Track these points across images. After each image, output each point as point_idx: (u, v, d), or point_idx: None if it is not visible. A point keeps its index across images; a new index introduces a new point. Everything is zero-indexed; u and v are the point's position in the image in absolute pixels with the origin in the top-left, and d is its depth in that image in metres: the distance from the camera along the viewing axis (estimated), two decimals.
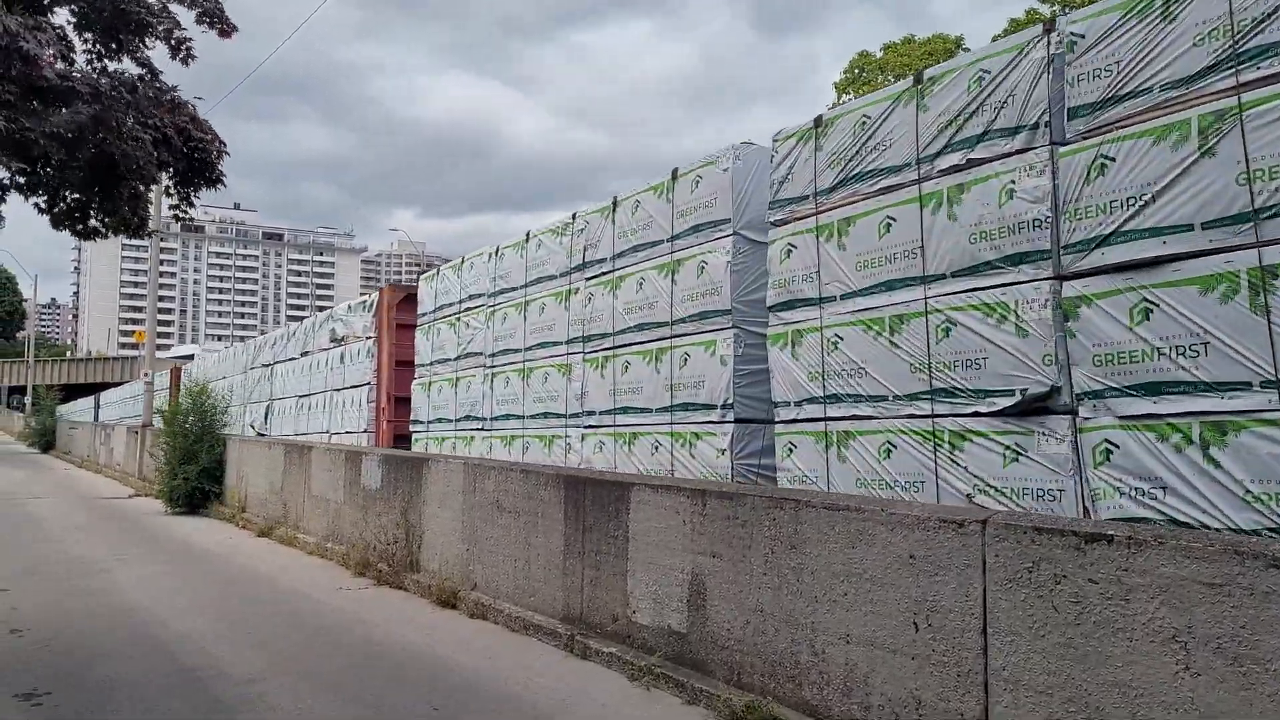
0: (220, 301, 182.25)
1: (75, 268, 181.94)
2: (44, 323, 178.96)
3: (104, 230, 8.94)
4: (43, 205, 8.48)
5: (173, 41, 8.24)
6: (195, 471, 17.92)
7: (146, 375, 28.32)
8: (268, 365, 23.24)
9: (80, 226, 8.79)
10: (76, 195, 8.46)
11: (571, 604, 7.66)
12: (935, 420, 6.68)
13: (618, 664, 6.79)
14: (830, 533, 5.41)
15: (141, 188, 8.55)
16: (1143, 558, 3.93)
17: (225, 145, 8.64)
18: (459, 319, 14.29)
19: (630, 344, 10.31)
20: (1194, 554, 3.78)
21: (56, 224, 8.65)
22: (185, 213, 9.23)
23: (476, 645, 7.72)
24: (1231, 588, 3.66)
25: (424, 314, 15.54)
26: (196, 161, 8.49)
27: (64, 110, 7.17)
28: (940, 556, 4.77)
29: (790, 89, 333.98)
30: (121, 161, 7.56)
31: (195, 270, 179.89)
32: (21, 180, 8.05)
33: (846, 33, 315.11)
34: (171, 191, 8.89)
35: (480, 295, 13.75)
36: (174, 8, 8.32)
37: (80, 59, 8.21)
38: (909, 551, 4.93)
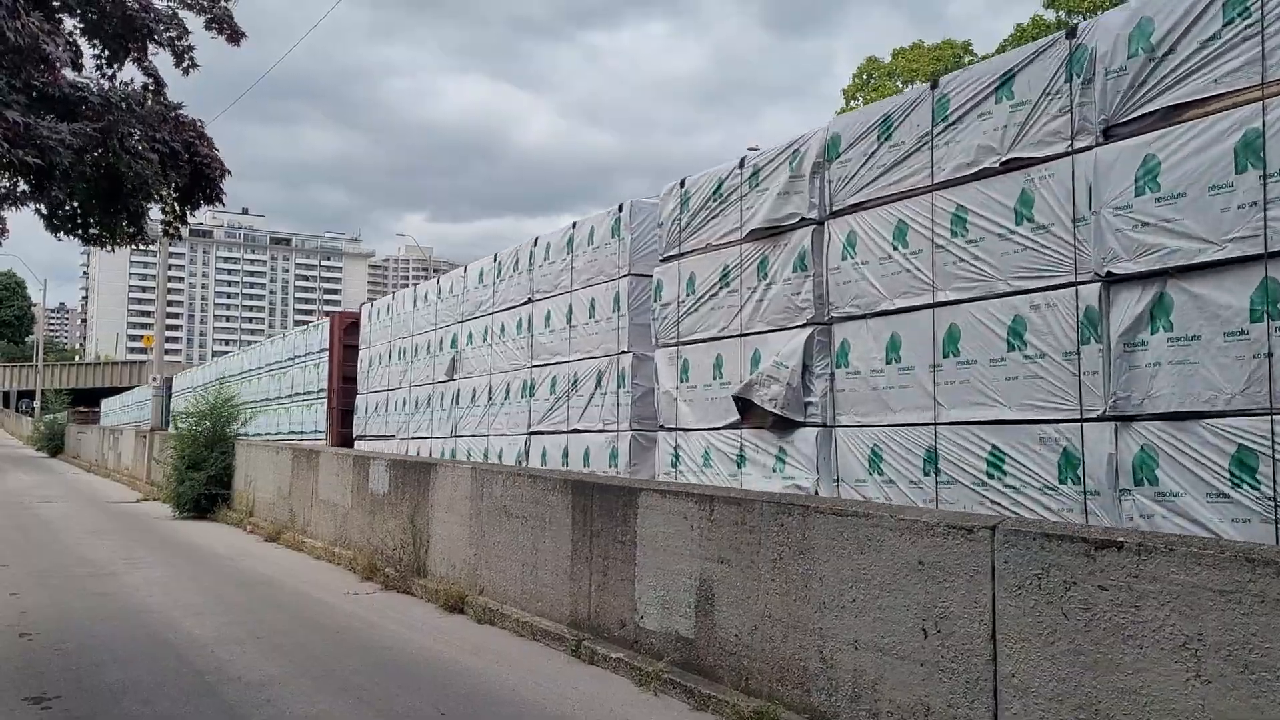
0: (228, 306, 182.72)
1: (84, 272, 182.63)
2: (53, 327, 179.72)
3: (107, 239, 8.98)
4: (44, 212, 8.53)
5: (177, 50, 8.28)
6: (202, 479, 17.95)
7: (155, 380, 28.41)
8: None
9: (80, 233, 8.84)
10: (77, 204, 8.51)
11: (579, 609, 7.66)
12: None
13: (625, 669, 6.79)
14: (839, 538, 5.40)
15: (144, 205, 8.59)
16: (1153, 564, 3.92)
17: (229, 170, 8.69)
18: None
19: None
20: (1205, 561, 3.77)
21: (54, 229, 8.69)
22: (175, 229, 9.23)
23: (484, 650, 7.73)
24: (1242, 595, 3.64)
25: None
26: (200, 177, 8.54)
27: (69, 124, 7.20)
28: (949, 563, 4.76)
29: (805, 90, 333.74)
30: (130, 179, 7.60)
31: (204, 275, 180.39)
32: (27, 189, 8.09)
33: (861, 34, 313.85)
34: (167, 210, 8.90)
35: None
36: (183, 14, 8.38)
37: (89, 65, 8.27)
38: (918, 557, 4.93)
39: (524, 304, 13.53)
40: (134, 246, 9.58)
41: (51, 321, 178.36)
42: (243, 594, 10.35)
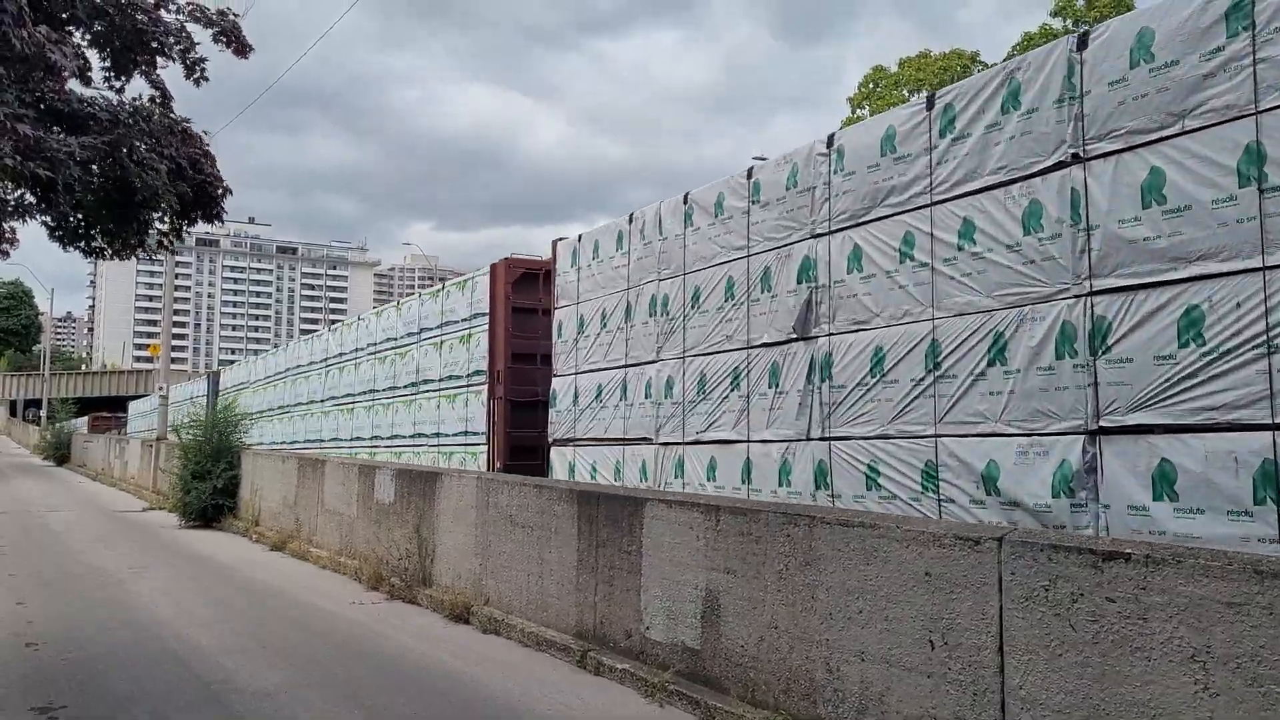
0: (235, 315, 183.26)
1: (91, 282, 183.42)
2: (60, 336, 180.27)
3: (106, 251, 9.05)
4: (49, 223, 8.59)
5: (188, 62, 8.34)
6: (208, 488, 17.97)
7: (161, 389, 28.48)
8: None
9: (83, 245, 8.90)
10: (81, 217, 8.57)
11: (584, 619, 7.65)
12: None
13: (631, 680, 6.78)
14: (845, 549, 5.39)
15: (152, 215, 8.66)
16: (1161, 576, 3.91)
17: (230, 190, 8.76)
18: None
19: None
20: (1212, 573, 3.76)
21: (60, 242, 8.76)
22: (171, 244, 9.29)
23: (489, 660, 7.72)
24: (1251, 607, 3.63)
25: None
26: (203, 195, 8.60)
27: (77, 137, 7.26)
28: (956, 574, 4.75)
29: (815, 98, 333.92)
30: (140, 190, 7.66)
31: (210, 284, 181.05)
32: (33, 200, 8.15)
33: (871, 41, 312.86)
34: (166, 220, 8.95)
35: None
36: (191, 26, 8.42)
37: (97, 77, 8.32)
38: (924, 569, 4.92)
39: (1046, 169, 7.00)
40: (138, 257, 9.62)
41: (58, 330, 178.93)
42: (248, 603, 10.35)
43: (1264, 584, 3.61)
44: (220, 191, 8.69)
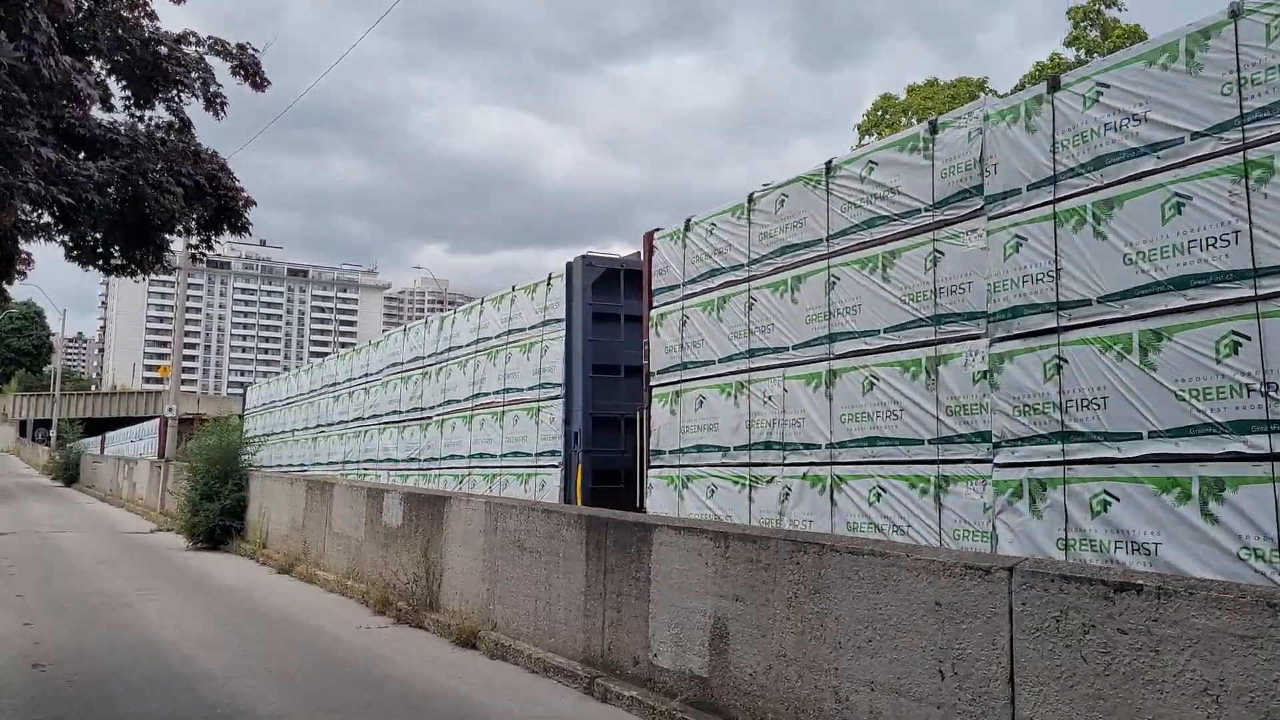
0: (245, 337, 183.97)
1: (103, 302, 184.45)
2: (70, 357, 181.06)
3: (126, 268, 9.16)
4: (68, 244, 8.70)
5: (208, 95, 8.48)
6: (216, 510, 17.97)
7: (171, 410, 28.57)
8: None
9: (102, 264, 9.01)
10: (99, 236, 8.68)
11: (592, 646, 7.62)
12: None
13: (638, 708, 6.74)
14: (854, 578, 5.38)
15: (167, 236, 8.79)
16: (1173, 608, 3.89)
17: (254, 201, 8.90)
18: None
19: None
20: (1225, 605, 3.74)
21: (78, 261, 8.86)
22: (204, 255, 9.48)
23: (496, 686, 7.69)
24: (1264, 640, 3.61)
25: None
26: (225, 209, 8.73)
27: (97, 161, 7.39)
28: (966, 604, 4.73)
29: (835, 122, 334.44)
30: (153, 214, 7.78)
31: (220, 306, 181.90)
32: (51, 221, 8.26)
33: (892, 67, 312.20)
34: (194, 233, 9.12)
35: None
36: (210, 59, 8.54)
37: (119, 104, 8.45)
38: (934, 598, 4.90)
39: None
40: (153, 275, 9.74)
41: (69, 351, 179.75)
42: (255, 627, 10.34)
43: (1277, 617, 3.58)
44: (242, 203, 8.82)
